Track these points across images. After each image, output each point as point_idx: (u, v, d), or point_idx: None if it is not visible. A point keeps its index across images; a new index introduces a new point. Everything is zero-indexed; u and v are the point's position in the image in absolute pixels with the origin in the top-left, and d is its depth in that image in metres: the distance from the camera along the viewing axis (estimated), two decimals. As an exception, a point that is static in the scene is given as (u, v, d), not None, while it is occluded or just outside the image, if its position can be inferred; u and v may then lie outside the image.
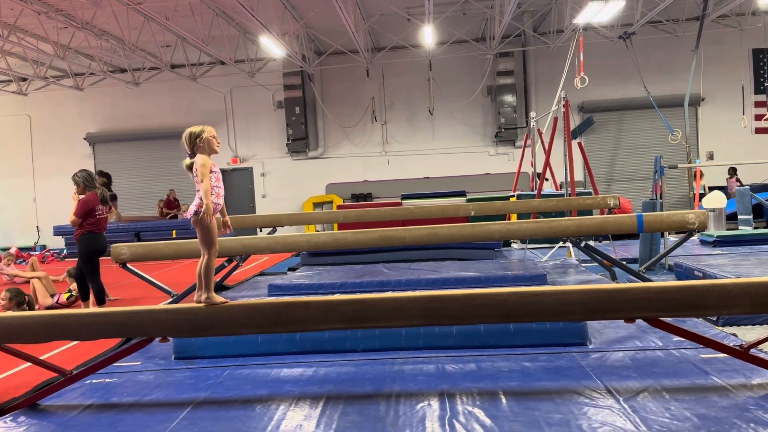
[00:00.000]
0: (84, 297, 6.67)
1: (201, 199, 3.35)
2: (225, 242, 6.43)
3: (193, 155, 3.46)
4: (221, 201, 3.49)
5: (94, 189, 6.61)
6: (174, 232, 13.73)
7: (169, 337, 3.62)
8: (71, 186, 6.61)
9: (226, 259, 6.81)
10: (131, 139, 17.67)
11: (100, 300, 6.52)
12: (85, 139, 17.75)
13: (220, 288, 7.39)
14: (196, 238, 3.51)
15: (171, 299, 6.55)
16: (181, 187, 17.19)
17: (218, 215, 3.50)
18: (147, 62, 15.49)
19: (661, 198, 7.59)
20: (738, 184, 13.94)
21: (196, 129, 3.49)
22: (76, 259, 6.63)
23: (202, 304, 3.40)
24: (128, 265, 6.39)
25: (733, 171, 14.63)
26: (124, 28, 12.58)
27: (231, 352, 4.35)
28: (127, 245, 6.37)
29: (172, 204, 16.45)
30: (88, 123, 17.76)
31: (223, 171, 15.10)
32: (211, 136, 3.47)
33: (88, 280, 6.58)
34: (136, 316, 3.44)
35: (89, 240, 6.45)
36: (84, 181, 6.58)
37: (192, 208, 3.40)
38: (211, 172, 3.42)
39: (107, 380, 3.98)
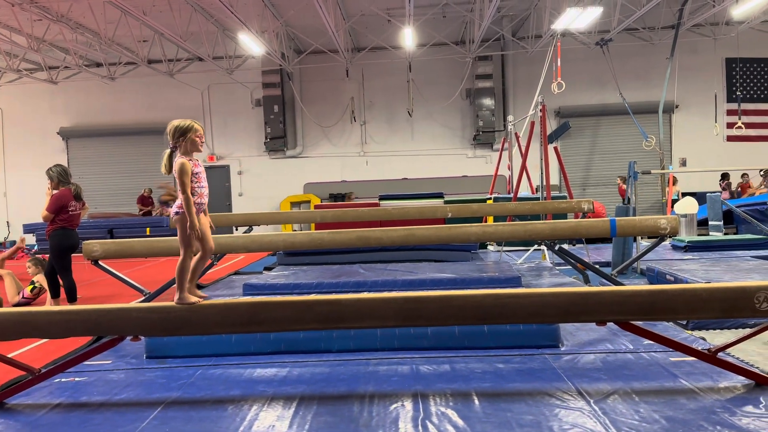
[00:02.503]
0: (54, 294, 6.56)
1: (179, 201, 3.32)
2: (200, 240, 6.36)
3: (174, 149, 3.38)
4: (205, 201, 3.43)
5: (68, 184, 6.51)
6: (148, 229, 13.57)
7: (140, 336, 3.58)
8: (43, 181, 6.51)
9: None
10: (106, 134, 17.42)
11: (71, 297, 6.42)
12: (58, 133, 17.46)
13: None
14: (170, 236, 3.47)
15: (143, 297, 6.47)
16: (155, 184, 16.98)
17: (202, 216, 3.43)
18: (123, 57, 15.29)
19: (628, 202, 7.70)
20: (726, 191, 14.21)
21: (182, 124, 3.37)
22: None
23: (174, 303, 3.37)
24: (100, 263, 6.29)
25: (725, 176, 14.84)
26: (101, 22, 12.41)
27: (204, 352, 4.31)
28: (100, 242, 6.28)
29: (146, 201, 16.26)
30: (62, 117, 17.47)
31: (199, 169, 14.61)
32: (196, 136, 3.36)
33: (59, 277, 6.48)
34: (108, 314, 3.40)
35: (61, 236, 6.35)
36: (58, 176, 6.49)
37: (174, 208, 3.35)
38: (192, 174, 3.32)
39: (77, 379, 3.92)
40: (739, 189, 14.41)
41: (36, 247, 13.88)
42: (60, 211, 6.32)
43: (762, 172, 13.71)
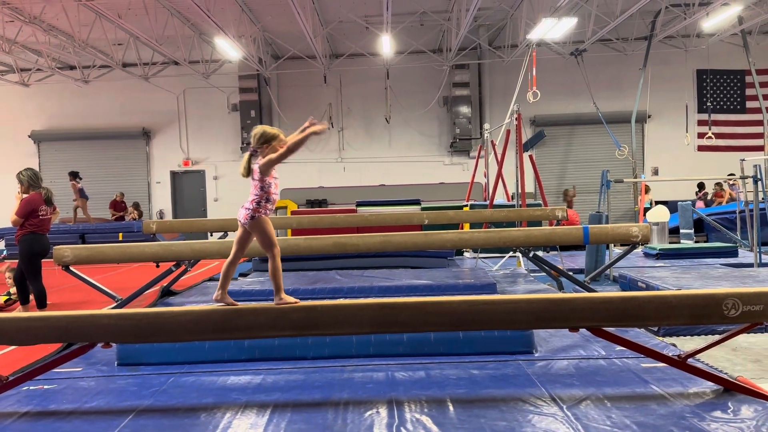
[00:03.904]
0: (23, 300, 6.44)
1: (256, 203, 3.28)
2: (173, 246, 6.30)
3: (255, 154, 3.32)
4: (272, 208, 3.42)
5: (39, 188, 6.40)
6: (120, 234, 13.37)
7: (111, 342, 3.52)
8: (13, 185, 6.40)
9: (173, 263, 6.66)
10: (78, 138, 17.17)
11: (41, 303, 6.31)
12: (29, 137, 17.16)
13: (168, 293, 7.23)
14: (142, 241, 3.43)
15: (115, 304, 6.37)
16: (129, 189, 16.80)
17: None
18: (97, 60, 15.11)
19: (600, 210, 7.81)
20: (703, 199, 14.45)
21: (270, 131, 3.40)
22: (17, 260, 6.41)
23: (146, 310, 3.33)
24: (71, 268, 6.18)
25: (701, 186, 15.08)
26: (75, 25, 12.25)
27: (177, 359, 4.25)
28: (71, 247, 6.17)
29: (119, 206, 16.04)
30: (34, 120, 17.17)
31: (174, 174, 14.92)
32: (280, 145, 3.38)
33: (28, 283, 6.36)
34: (78, 320, 3.34)
35: (31, 241, 6.24)
36: (29, 180, 6.39)
37: (247, 212, 3.29)
38: (272, 177, 3.35)
39: (46, 387, 3.84)
40: (713, 198, 14.71)
41: (5, 252, 13.59)
42: (30, 216, 6.22)
43: (730, 182, 14.00)
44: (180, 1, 12.27)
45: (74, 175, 14.05)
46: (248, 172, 3.39)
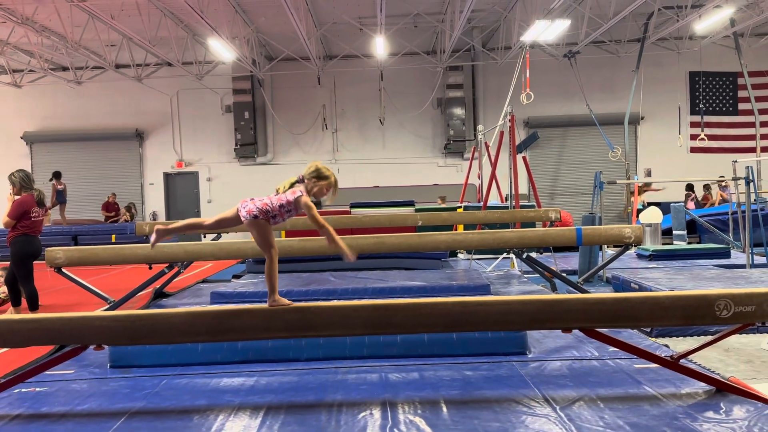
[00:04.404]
0: (15, 302, 6.41)
1: (265, 212, 3.24)
2: (166, 248, 6.28)
3: (300, 181, 3.33)
4: (272, 224, 3.36)
5: (31, 190, 6.37)
6: (113, 236, 13.32)
7: (104, 344, 3.50)
8: (4, 186, 6.36)
9: (166, 265, 6.65)
10: (71, 139, 17.10)
11: (33, 305, 6.27)
12: (22, 138, 17.08)
13: (161, 295, 7.21)
14: (135, 243, 3.41)
15: (108, 306, 6.35)
16: (122, 191, 16.75)
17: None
18: (90, 61, 15.05)
19: (593, 212, 7.84)
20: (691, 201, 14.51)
21: (326, 171, 3.35)
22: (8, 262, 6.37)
23: (139, 311, 3.31)
24: (63, 270, 6.16)
25: (690, 187, 15.13)
26: (67, 26, 12.21)
27: (170, 361, 4.24)
28: (63, 249, 6.15)
29: (111, 207, 15.99)
30: (26, 122, 17.10)
31: (167, 175, 14.93)
32: (327, 187, 3.34)
33: (20, 285, 6.33)
34: (70, 322, 3.32)
35: (23, 243, 6.21)
36: (21, 182, 6.36)
37: (253, 209, 3.25)
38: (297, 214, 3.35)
39: (37, 389, 3.82)
40: (704, 200, 14.79)
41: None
42: (22, 217, 6.19)
43: (722, 184, 14.08)
44: (173, 1, 12.25)
45: (56, 176, 13.99)
46: (285, 190, 3.33)
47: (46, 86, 16.41)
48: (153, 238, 3.46)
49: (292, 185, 3.37)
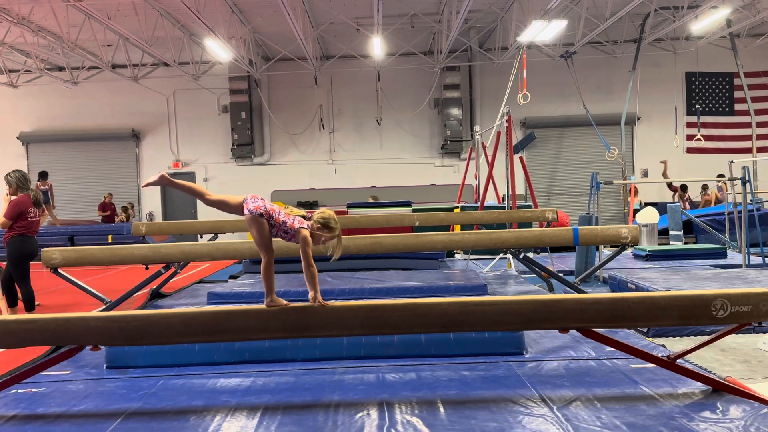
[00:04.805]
0: (11, 303, 6.39)
1: (269, 217, 3.23)
2: (163, 248, 6.27)
3: (307, 218, 3.32)
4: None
5: (28, 190, 6.36)
6: (110, 237, 13.29)
7: (100, 345, 3.50)
8: (2, 187, 6.35)
9: (163, 265, 6.63)
10: (67, 139, 17.06)
11: (29, 306, 6.26)
12: (18, 138, 17.03)
13: (157, 296, 7.19)
14: (132, 243, 3.40)
15: (104, 306, 6.33)
16: (118, 191, 16.72)
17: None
18: (87, 61, 15.02)
19: (589, 212, 7.85)
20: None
21: (334, 224, 3.32)
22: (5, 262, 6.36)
23: (135, 312, 3.31)
24: (60, 270, 6.14)
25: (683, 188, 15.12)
26: (64, 26, 12.18)
27: (166, 362, 4.23)
28: (59, 249, 6.13)
29: (107, 207, 15.95)
30: (22, 122, 17.05)
31: (163, 175, 14.43)
32: (329, 238, 3.31)
33: (17, 285, 6.31)
34: (67, 323, 3.31)
35: (19, 243, 6.20)
36: (17, 182, 6.34)
37: (259, 206, 3.23)
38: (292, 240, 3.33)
39: (33, 390, 3.81)
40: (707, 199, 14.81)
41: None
42: (18, 218, 6.17)
43: (719, 185, 14.10)
44: (169, 2, 12.23)
45: (41, 176, 13.95)
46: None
47: (42, 86, 16.37)
48: (152, 179, 3.36)
49: (301, 216, 3.35)
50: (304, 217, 3.38)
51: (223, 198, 3.38)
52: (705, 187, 15.07)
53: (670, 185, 14.82)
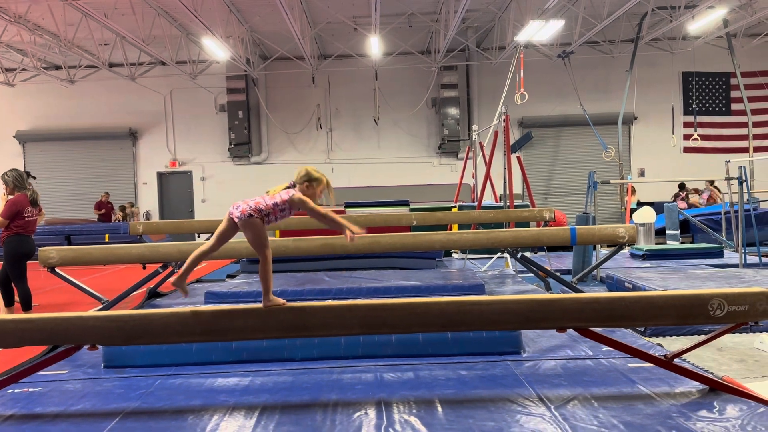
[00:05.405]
0: (8, 302, 6.38)
1: (258, 210, 3.20)
2: (161, 247, 6.26)
3: (293, 186, 3.31)
4: (266, 223, 3.33)
5: (24, 190, 6.35)
6: (107, 236, 13.27)
7: (98, 344, 3.49)
8: (-2, 185, 6.34)
9: (160, 265, 6.63)
10: (64, 138, 17.03)
11: (27, 305, 6.25)
12: (14, 137, 17.00)
13: (155, 295, 7.18)
14: (128, 243, 3.39)
15: (101, 306, 6.32)
16: (115, 190, 16.69)
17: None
18: (84, 60, 14.99)
19: (587, 211, 7.86)
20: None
21: (316, 174, 3.31)
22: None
23: (133, 311, 3.30)
24: (57, 270, 6.13)
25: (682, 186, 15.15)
26: (60, 24, 12.15)
27: (164, 361, 4.22)
28: (56, 248, 6.12)
29: (104, 206, 15.93)
30: (19, 121, 17.01)
31: (160, 174, 14.87)
32: (320, 189, 3.30)
33: (13, 284, 6.30)
34: (64, 322, 3.31)
35: (16, 242, 6.18)
36: (14, 181, 6.33)
37: (247, 209, 3.20)
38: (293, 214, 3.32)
39: (31, 390, 3.80)
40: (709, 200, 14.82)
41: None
42: (15, 217, 6.16)
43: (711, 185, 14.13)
44: (167, 0, 12.21)
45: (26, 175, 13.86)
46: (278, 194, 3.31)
47: (39, 85, 16.33)
48: (182, 294, 3.47)
49: (285, 188, 3.35)
50: (288, 186, 3.36)
51: (216, 235, 3.34)
52: (696, 191, 15.11)
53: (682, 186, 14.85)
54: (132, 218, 15.97)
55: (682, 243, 10.73)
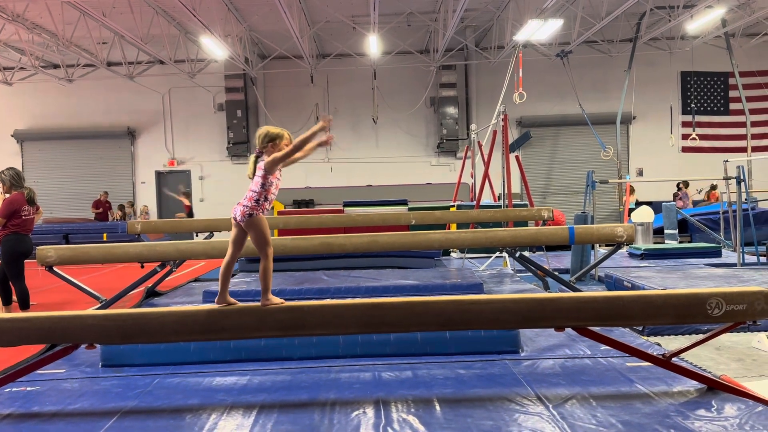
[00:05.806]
0: (5, 301, 6.37)
1: (254, 200, 3.23)
2: (159, 246, 6.25)
3: (260, 155, 3.32)
4: (269, 208, 3.37)
5: (22, 188, 6.34)
6: (105, 235, 13.26)
7: (96, 343, 3.49)
8: (-6, 185, 6.33)
9: (158, 264, 6.62)
10: (62, 137, 17.00)
11: (24, 304, 6.24)
12: (12, 136, 16.97)
13: (153, 294, 7.17)
14: (127, 242, 3.39)
15: (99, 305, 6.32)
16: (114, 189, 16.67)
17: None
18: (82, 59, 14.96)
19: (585, 211, 7.86)
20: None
21: (275, 130, 3.33)
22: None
23: (131, 310, 3.30)
24: (55, 269, 6.12)
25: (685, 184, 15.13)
26: (59, 23, 12.13)
27: (162, 360, 4.22)
28: (54, 247, 6.11)
29: (99, 205, 15.91)
30: (17, 119, 16.98)
31: (159, 173, 14.81)
32: (284, 144, 3.30)
33: (11, 283, 6.29)
34: (62, 321, 3.30)
35: (14, 241, 6.17)
36: (11, 180, 6.33)
37: (244, 209, 3.24)
38: (275, 177, 3.31)
39: (28, 388, 3.80)
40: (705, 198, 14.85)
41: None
42: (12, 216, 6.15)
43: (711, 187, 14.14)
44: (165, -1, 12.20)
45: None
46: (253, 174, 3.32)
47: (37, 84, 16.30)
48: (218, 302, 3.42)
49: (255, 163, 3.35)
50: (256, 156, 3.37)
51: (230, 243, 3.37)
52: (714, 187, 15.09)
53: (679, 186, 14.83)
54: (133, 216, 15.96)
55: (680, 242, 10.74)
